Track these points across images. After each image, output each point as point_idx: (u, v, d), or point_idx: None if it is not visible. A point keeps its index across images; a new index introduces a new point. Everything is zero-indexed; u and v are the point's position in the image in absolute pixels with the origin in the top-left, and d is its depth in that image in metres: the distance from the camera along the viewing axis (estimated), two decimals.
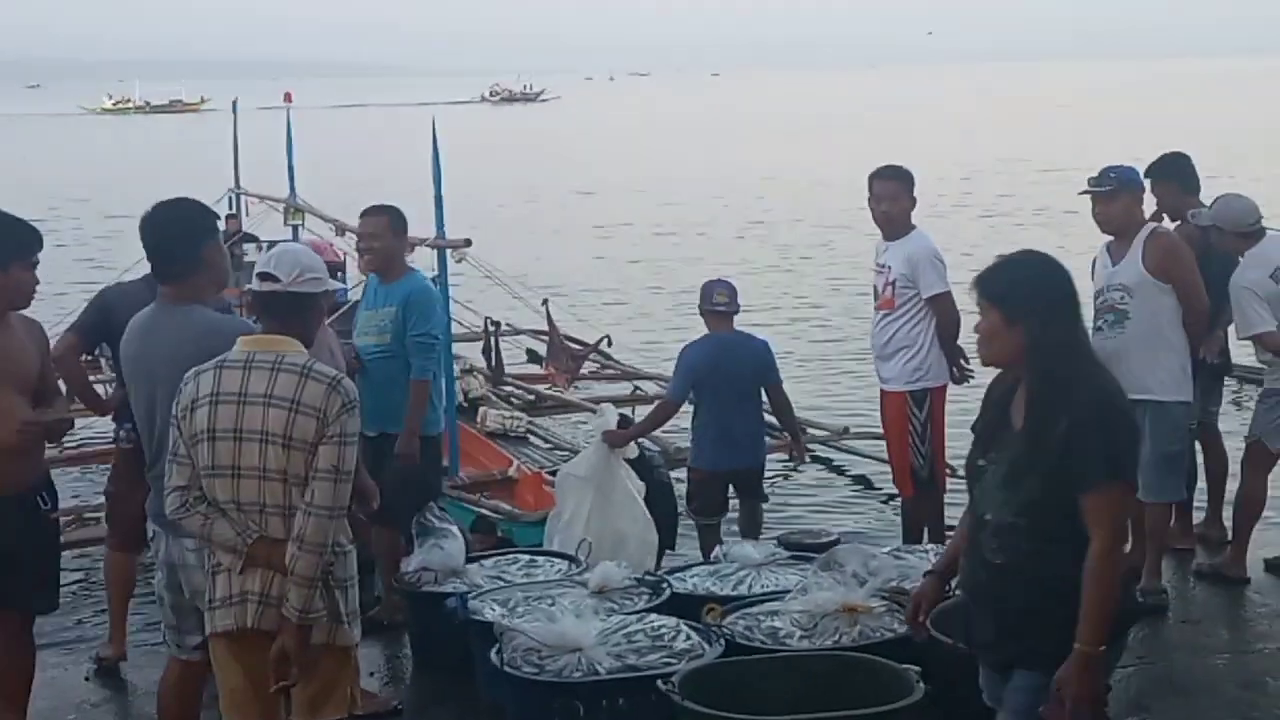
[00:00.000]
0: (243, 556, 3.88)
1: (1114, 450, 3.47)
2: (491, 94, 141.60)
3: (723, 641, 4.99)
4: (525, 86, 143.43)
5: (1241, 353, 7.40)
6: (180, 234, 4.63)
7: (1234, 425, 8.01)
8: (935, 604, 4.04)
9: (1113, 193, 6.23)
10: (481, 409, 10.44)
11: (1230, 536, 6.83)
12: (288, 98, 18.28)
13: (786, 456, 8.91)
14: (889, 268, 6.83)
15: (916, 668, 4.54)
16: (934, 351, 6.76)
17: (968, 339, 4.88)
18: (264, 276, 4.01)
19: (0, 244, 4.88)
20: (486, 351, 12.35)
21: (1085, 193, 6.33)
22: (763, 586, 5.65)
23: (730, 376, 6.90)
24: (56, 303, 11.84)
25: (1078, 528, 3.47)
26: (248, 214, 17.88)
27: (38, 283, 4.99)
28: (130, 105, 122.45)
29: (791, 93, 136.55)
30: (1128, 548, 3.71)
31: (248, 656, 3.94)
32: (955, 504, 8.50)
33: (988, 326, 3.64)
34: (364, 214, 6.90)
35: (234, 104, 19.55)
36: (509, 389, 12.02)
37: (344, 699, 4.09)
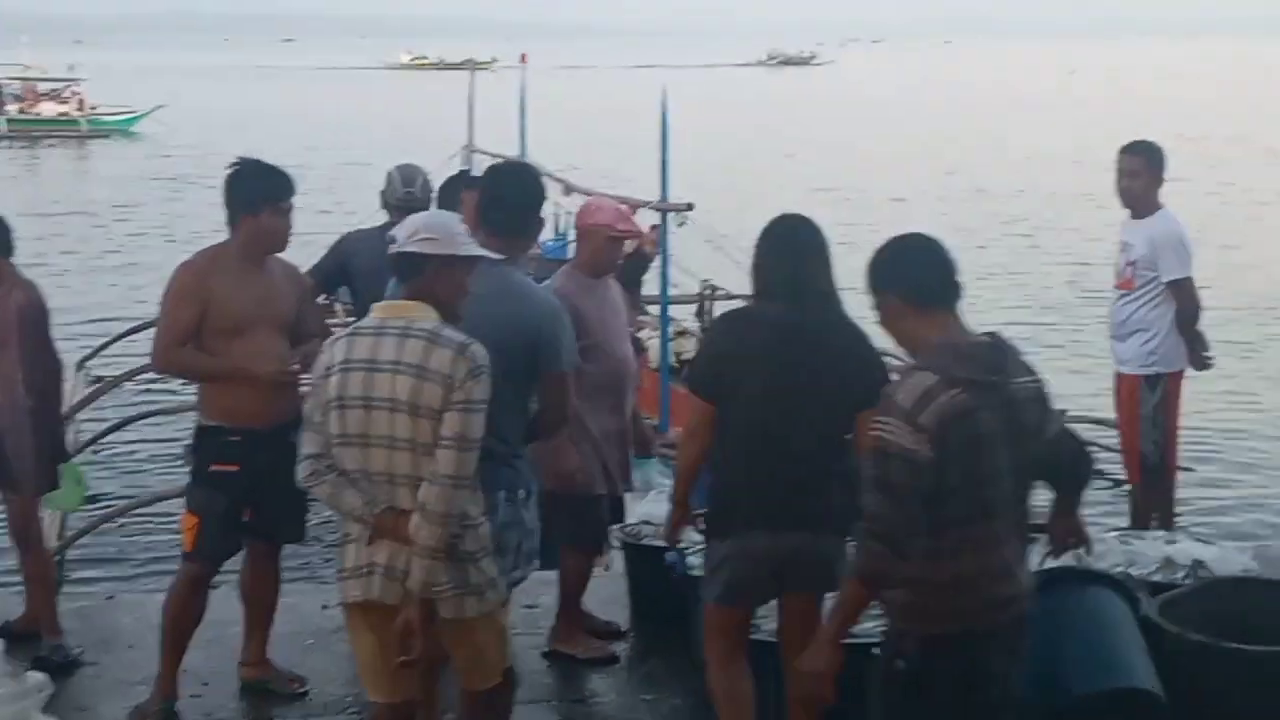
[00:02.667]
0: (370, 527, 3.81)
1: None
2: (769, 58, 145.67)
3: None
4: (800, 51, 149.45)
5: None
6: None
7: None
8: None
9: None
10: None
11: None
12: (523, 59, 18.60)
13: None
14: (1131, 246, 6.66)
15: None
16: (1171, 336, 6.57)
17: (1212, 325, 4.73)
18: (391, 239, 3.95)
19: (251, 189, 5.07)
20: (700, 314, 12.48)
21: None
22: None
23: None
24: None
25: None
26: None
27: (290, 228, 5.14)
28: (427, 61, 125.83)
29: (1028, 63, 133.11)
30: None
31: (377, 627, 3.87)
32: (1187, 494, 8.35)
33: None
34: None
35: (470, 61, 19.96)
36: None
37: (494, 668, 4.06)
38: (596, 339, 5.61)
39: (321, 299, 6.58)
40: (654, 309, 11.02)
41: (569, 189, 12.35)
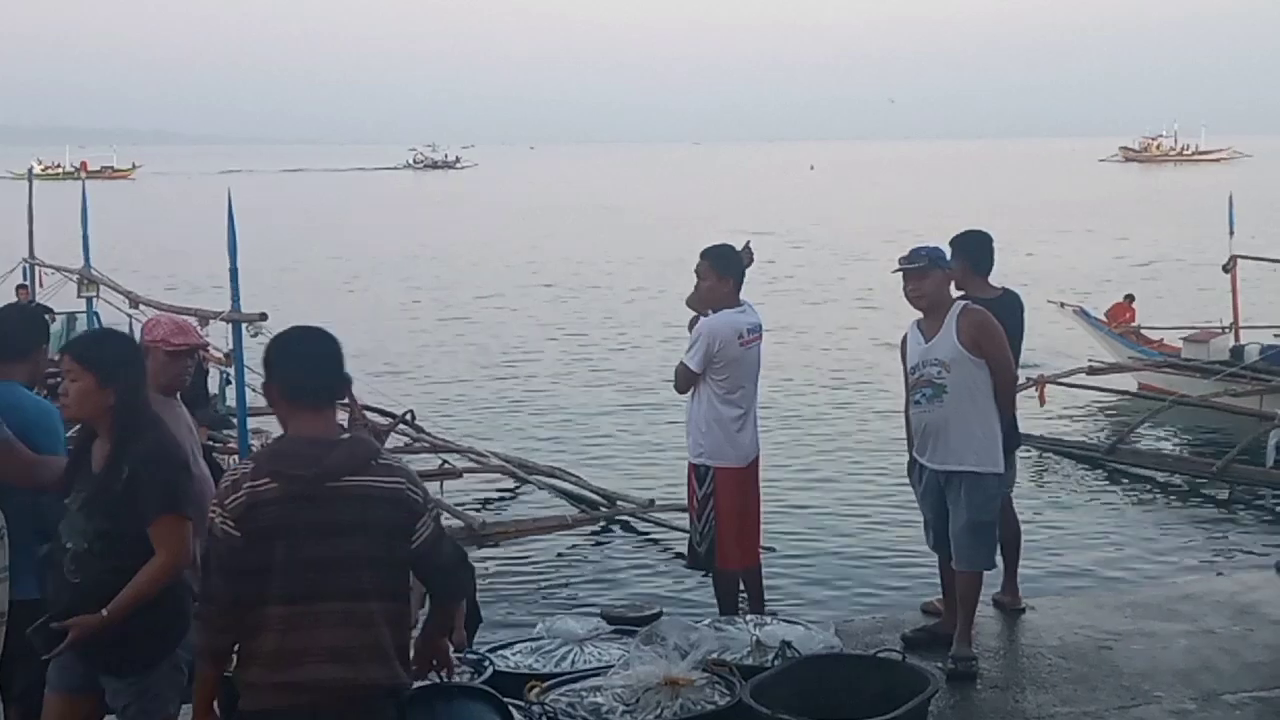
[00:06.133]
0: None
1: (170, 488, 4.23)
2: (415, 161, 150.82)
3: None
4: (445, 155, 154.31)
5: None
6: None
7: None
8: None
9: (924, 269, 6.42)
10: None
11: (1021, 604, 7.24)
12: (84, 166, 17.82)
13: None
14: None
15: None
16: (714, 430, 6.83)
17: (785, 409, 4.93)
18: None
19: None
20: None
21: (898, 270, 6.50)
22: (585, 662, 5.60)
23: None
24: None
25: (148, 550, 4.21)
26: (41, 285, 17.26)
27: None
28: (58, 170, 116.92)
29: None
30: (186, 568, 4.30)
31: None
32: (774, 577, 8.70)
33: (80, 389, 4.38)
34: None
35: (29, 171, 18.89)
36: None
37: None
38: None
39: None
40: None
41: (135, 301, 11.93)
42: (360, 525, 3.65)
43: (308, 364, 3.79)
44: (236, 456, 9.81)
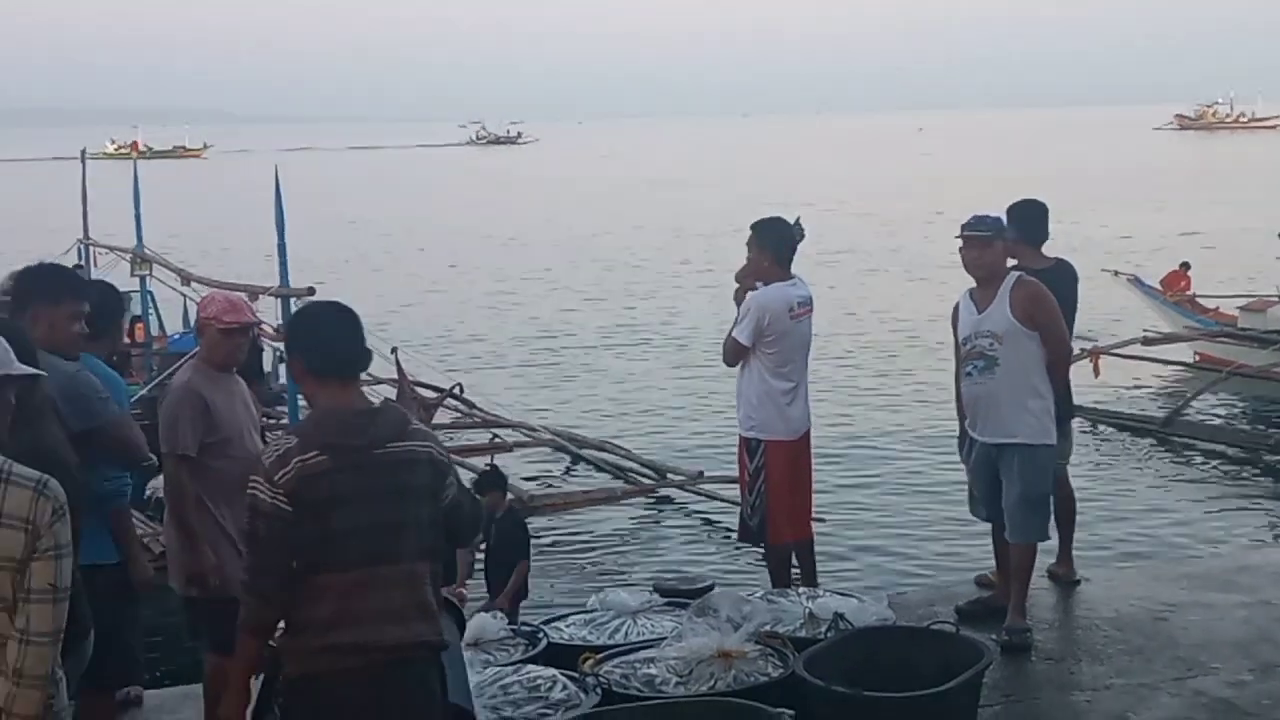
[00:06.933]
0: None
1: None
2: (478, 137, 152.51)
3: (599, 691, 4.95)
4: (508, 130, 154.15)
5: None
6: None
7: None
8: None
9: (989, 238, 6.35)
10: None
11: (1075, 575, 7.17)
12: (134, 146, 18.02)
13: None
14: None
15: (790, 711, 4.56)
16: (766, 404, 6.78)
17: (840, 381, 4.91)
18: None
19: None
20: None
21: (962, 236, 6.43)
22: (638, 634, 5.62)
23: None
24: None
25: None
26: (95, 264, 17.46)
27: None
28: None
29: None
30: None
31: None
32: (827, 548, 8.71)
33: None
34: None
35: (82, 153, 19.09)
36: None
37: None
38: (228, 434, 5.45)
39: None
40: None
41: (186, 278, 12.11)
42: (407, 489, 3.73)
43: (330, 338, 3.83)
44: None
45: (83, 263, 17.27)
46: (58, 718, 3.51)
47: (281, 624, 3.78)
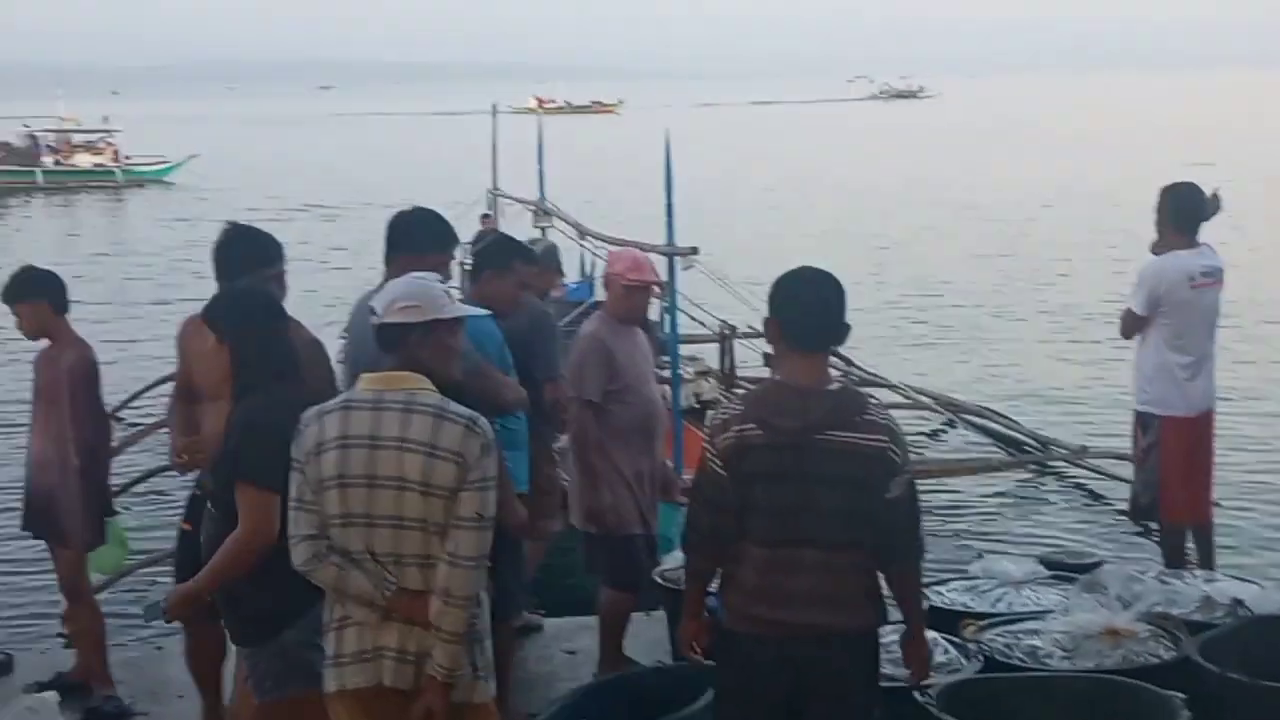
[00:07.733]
0: (380, 611, 3.64)
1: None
2: (881, 92, 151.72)
3: (981, 657, 4.95)
4: (909, 84, 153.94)
5: None
6: None
7: None
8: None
9: None
10: (710, 412, 10.55)
11: None
12: (540, 102, 18.99)
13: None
14: None
15: (1182, 695, 4.43)
16: (1160, 377, 6.53)
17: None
18: (371, 310, 3.83)
19: (238, 256, 4.93)
20: (722, 355, 12.55)
21: None
22: (1021, 605, 5.56)
23: None
24: None
25: None
26: (503, 215, 18.53)
27: (284, 292, 4.91)
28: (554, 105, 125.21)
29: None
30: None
31: (380, 714, 3.68)
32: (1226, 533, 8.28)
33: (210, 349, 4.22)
34: None
35: (493, 107, 20.22)
36: (740, 392, 12.16)
37: None
38: (628, 381, 5.76)
39: None
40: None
41: (582, 232, 12.89)
42: (839, 479, 3.71)
43: (800, 309, 3.81)
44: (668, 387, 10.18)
45: (491, 212, 18.38)
46: (480, 636, 3.74)
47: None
